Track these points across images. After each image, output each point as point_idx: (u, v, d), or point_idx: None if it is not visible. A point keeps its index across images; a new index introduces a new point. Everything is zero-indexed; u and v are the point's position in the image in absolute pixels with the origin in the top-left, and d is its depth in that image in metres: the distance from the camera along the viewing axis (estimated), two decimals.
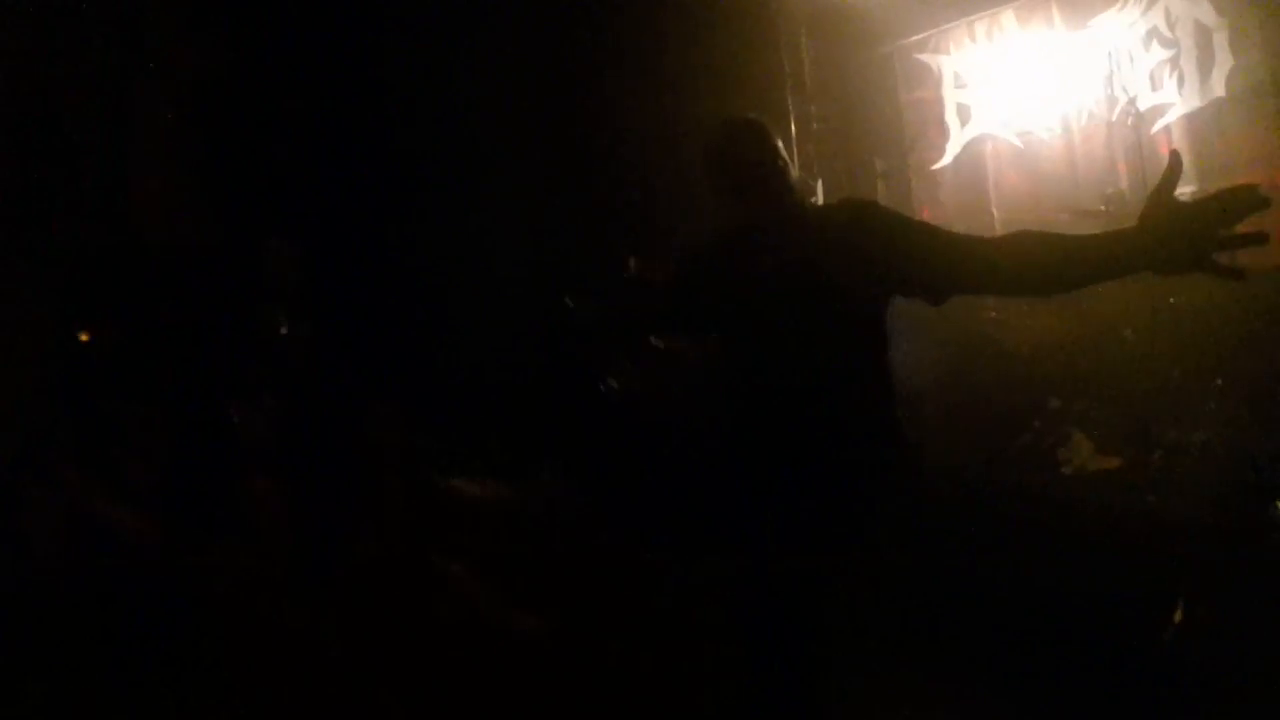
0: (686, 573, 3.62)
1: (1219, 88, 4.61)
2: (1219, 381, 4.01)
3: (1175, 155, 1.79)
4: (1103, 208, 4.80)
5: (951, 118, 6.05)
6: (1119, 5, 5.06)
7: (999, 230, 5.67)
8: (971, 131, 5.93)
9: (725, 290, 2.36)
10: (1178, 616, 3.25)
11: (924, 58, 6.20)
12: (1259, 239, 1.68)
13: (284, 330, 4.03)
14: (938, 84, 6.12)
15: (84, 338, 3.28)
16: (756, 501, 2.54)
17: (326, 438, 3.99)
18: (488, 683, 3.33)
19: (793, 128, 6.86)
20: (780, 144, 2.27)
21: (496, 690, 3.32)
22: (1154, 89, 4.93)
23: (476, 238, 5.01)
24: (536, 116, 5.55)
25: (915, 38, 6.22)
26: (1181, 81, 4.79)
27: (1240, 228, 1.70)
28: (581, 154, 5.76)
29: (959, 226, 2.30)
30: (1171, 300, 4.35)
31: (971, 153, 5.93)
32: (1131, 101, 4.91)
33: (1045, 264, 2.00)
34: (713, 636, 3.28)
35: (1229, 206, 1.69)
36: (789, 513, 2.38)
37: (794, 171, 2.30)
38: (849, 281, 2.16)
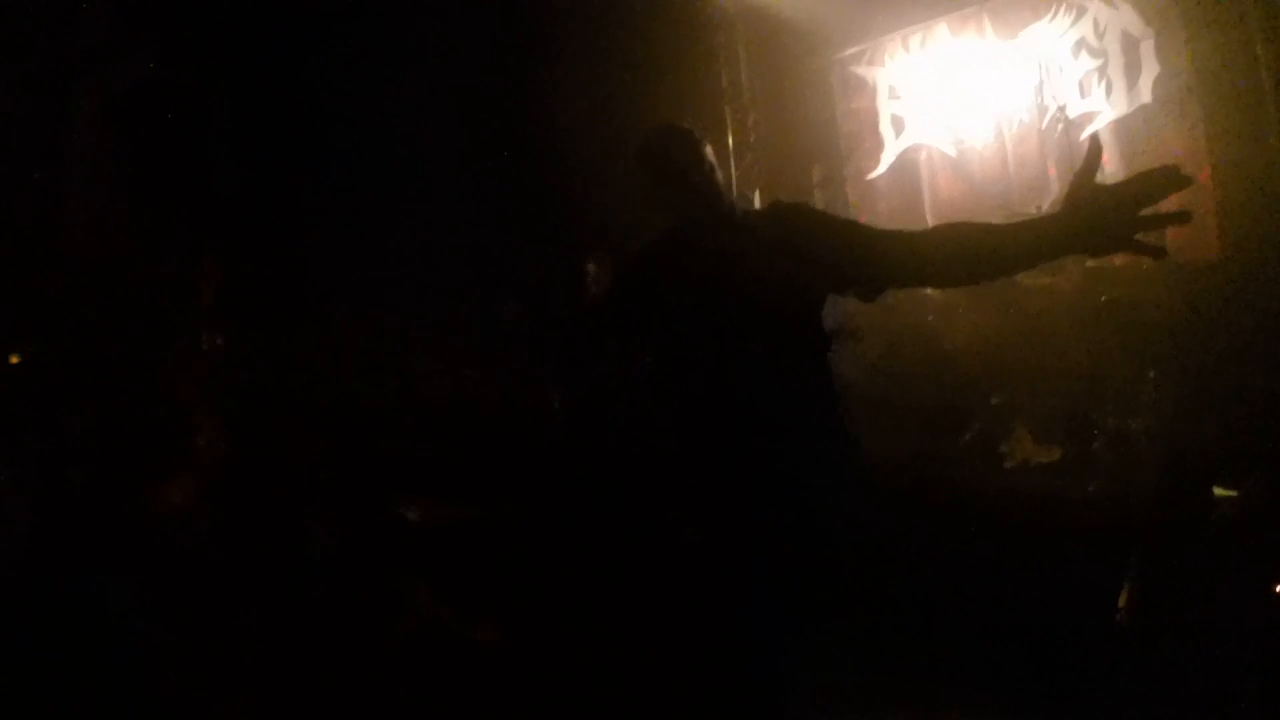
0: (643, 576, 3.62)
1: (1145, 94, 4.77)
2: (1153, 373, 4.11)
3: (1095, 140, 1.84)
4: (1034, 209, 4.92)
5: (886, 128, 6.15)
6: (1049, 17, 5.21)
7: None
8: (906, 141, 6.04)
9: (660, 296, 2.35)
10: (1123, 599, 3.30)
11: (859, 70, 6.31)
12: (1181, 218, 1.73)
13: (224, 347, 3.94)
14: (872, 95, 6.23)
15: (14, 360, 3.15)
16: (706, 501, 2.52)
17: (269, 455, 3.91)
18: (448, 695, 3.27)
19: (730, 138, 6.95)
20: (709, 150, 2.30)
21: (458, 702, 3.26)
22: (1083, 96, 5.07)
23: (418, 249, 4.94)
24: (475, 127, 5.49)
25: (851, 50, 6.32)
26: (1109, 89, 4.94)
27: (1163, 207, 1.74)
28: (521, 165, 5.72)
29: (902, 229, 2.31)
30: (1104, 298, 4.47)
31: (906, 161, 6.03)
32: (1061, 109, 5.06)
33: (975, 252, 2.03)
34: (672, 641, 3.28)
35: (1149, 187, 1.73)
36: (737, 511, 2.36)
37: (721, 176, 2.30)
38: (782, 281, 2.16)
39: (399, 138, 5.01)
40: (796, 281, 2.20)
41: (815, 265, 2.16)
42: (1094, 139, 1.86)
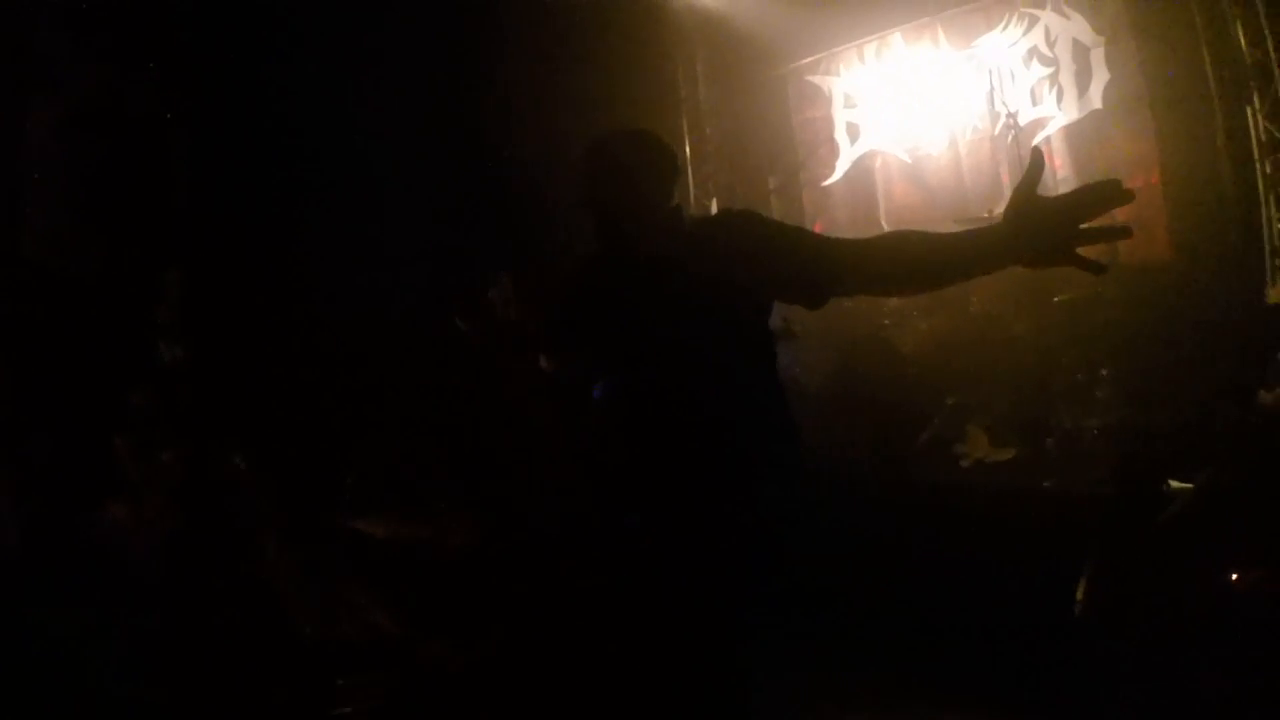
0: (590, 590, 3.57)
1: (1096, 100, 4.84)
2: (1105, 370, 4.15)
3: (1037, 152, 1.81)
4: (986, 214, 4.97)
5: (841, 136, 6.20)
6: (1001, 26, 5.29)
7: None
8: (861, 148, 6.08)
9: (601, 304, 2.29)
10: (1081, 593, 3.30)
11: (815, 79, 6.35)
12: (1121, 233, 1.71)
13: (179, 361, 3.84)
14: (828, 104, 6.28)
15: None
16: (650, 511, 2.49)
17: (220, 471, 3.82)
18: (399, 709, 3.20)
19: (687, 148, 6.96)
20: (661, 153, 2.23)
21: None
22: (1034, 104, 5.15)
23: (371, 257, 4.88)
24: (428, 137, 5.46)
25: (806, 60, 6.36)
26: (1061, 96, 5.02)
27: (1108, 219, 1.72)
28: (473, 176, 5.69)
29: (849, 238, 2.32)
30: (1057, 299, 4.51)
31: (861, 169, 6.08)
32: (1013, 116, 5.10)
33: (919, 263, 2.02)
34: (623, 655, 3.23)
35: (1089, 201, 1.70)
36: (683, 518, 2.34)
37: (675, 181, 2.23)
38: (727, 286, 2.13)
39: (358, 146, 4.96)
40: (741, 287, 2.17)
41: (761, 271, 2.11)
42: (1036, 150, 1.85)
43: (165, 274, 3.85)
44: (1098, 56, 4.84)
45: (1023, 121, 5.09)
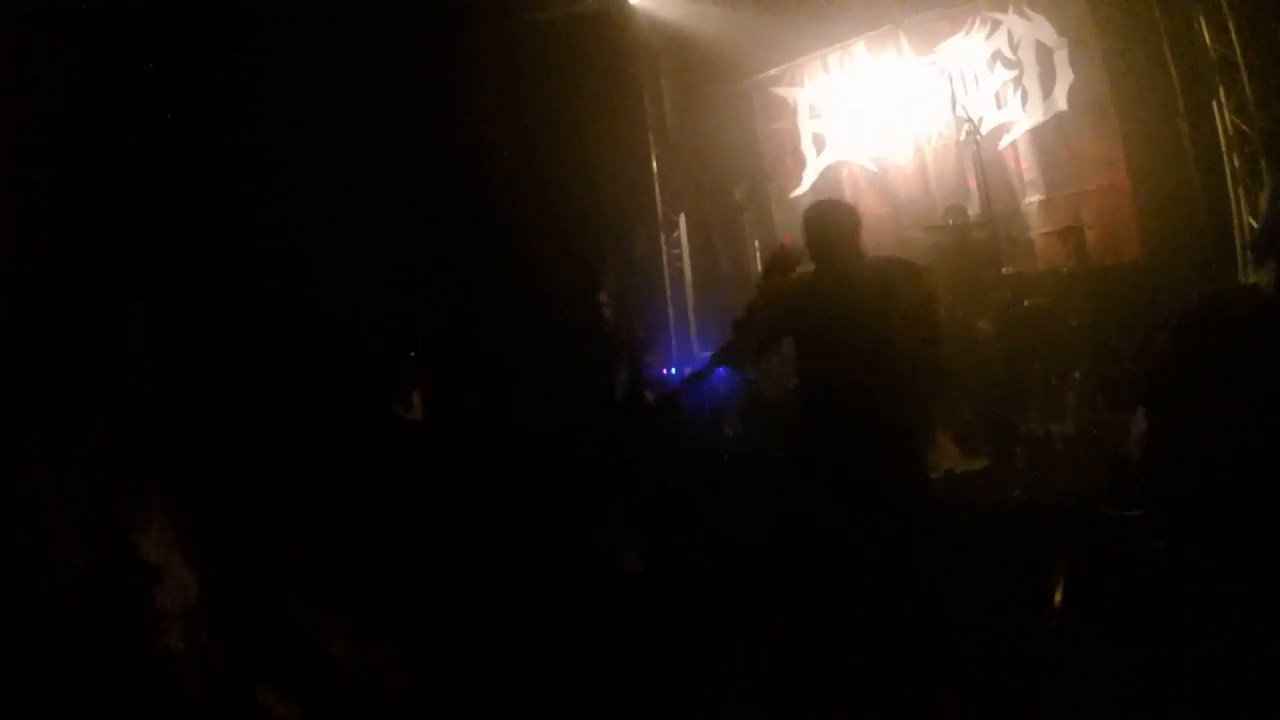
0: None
1: (1061, 102, 4.77)
2: (1077, 374, 4.04)
3: None
4: (950, 222, 4.89)
5: (808, 147, 6.12)
6: (964, 31, 5.22)
7: None
8: (827, 159, 6.01)
9: (802, 321, 3.12)
10: (1058, 598, 3.21)
11: (779, 91, 6.29)
12: None
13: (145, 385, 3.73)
14: (793, 115, 6.21)
15: None
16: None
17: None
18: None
19: (655, 163, 6.89)
20: (851, 216, 3.12)
21: None
22: (999, 107, 5.07)
23: (338, 277, 4.78)
24: (397, 156, 5.38)
25: (771, 72, 6.31)
26: (1025, 99, 4.94)
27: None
28: (443, 193, 5.61)
29: None
30: (1027, 303, 4.42)
31: (829, 179, 6.00)
32: (978, 121, 5.02)
33: None
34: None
35: None
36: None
37: (859, 231, 3.08)
38: (883, 317, 2.92)
39: (326, 165, 4.88)
40: (893, 319, 2.92)
41: (906, 309, 2.91)
42: None
43: (129, 297, 3.74)
44: (1061, 58, 4.77)
45: (988, 126, 5.01)
